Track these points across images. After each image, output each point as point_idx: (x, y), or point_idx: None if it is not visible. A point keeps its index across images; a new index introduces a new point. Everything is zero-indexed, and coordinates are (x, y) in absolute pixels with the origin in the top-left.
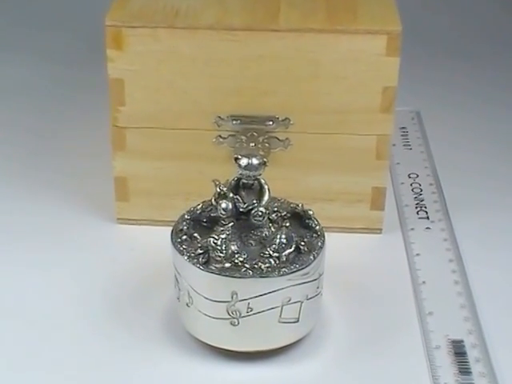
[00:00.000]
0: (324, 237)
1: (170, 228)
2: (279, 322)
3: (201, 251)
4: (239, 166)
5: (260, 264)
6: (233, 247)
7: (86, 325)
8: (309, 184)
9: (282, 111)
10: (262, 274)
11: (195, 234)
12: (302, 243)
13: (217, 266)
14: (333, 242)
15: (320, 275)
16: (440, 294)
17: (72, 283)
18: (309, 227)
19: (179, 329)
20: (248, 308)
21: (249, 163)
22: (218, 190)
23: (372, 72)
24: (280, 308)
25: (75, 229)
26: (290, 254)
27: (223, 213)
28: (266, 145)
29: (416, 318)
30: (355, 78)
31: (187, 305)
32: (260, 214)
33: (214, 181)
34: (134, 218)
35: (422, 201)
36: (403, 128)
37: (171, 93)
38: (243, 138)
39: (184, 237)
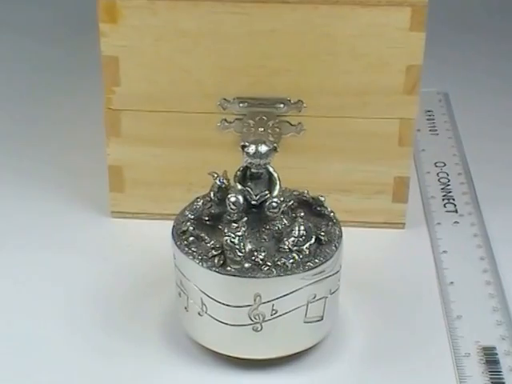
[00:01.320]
0: (340, 224)
1: (170, 222)
2: (304, 322)
3: (215, 253)
4: (247, 154)
5: (283, 260)
6: (249, 245)
7: (76, 332)
8: (324, 173)
9: (295, 92)
10: (287, 271)
11: (202, 235)
12: (322, 233)
13: (235, 267)
14: (350, 238)
15: (340, 267)
16: (470, 296)
17: (61, 285)
18: (322, 215)
19: (182, 336)
20: (272, 310)
21: (257, 150)
22: (218, 182)
23: (394, 49)
24: (305, 307)
25: (64, 224)
26: (311, 246)
27: (233, 208)
28: (277, 130)
29: (443, 322)
30: (376, 56)
31: (199, 314)
32: (275, 205)
33: (211, 173)
34: (130, 210)
35: (449, 192)
36: (429, 111)
37: (171, 72)
38: (251, 122)
39: (191, 238)
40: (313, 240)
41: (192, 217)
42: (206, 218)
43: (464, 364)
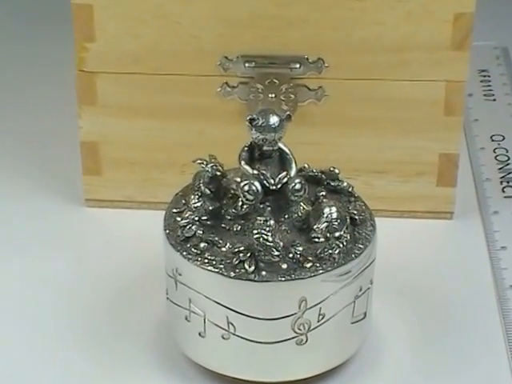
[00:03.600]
0: (361, 199)
1: (159, 213)
2: (351, 323)
3: (243, 257)
4: (257, 128)
5: (328, 251)
6: (278, 240)
7: (44, 351)
8: (350, 151)
9: (314, 49)
10: (335, 264)
11: (216, 238)
12: (354, 212)
13: (271, 270)
14: (384, 231)
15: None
16: None
17: (21, 291)
18: (337, 191)
19: (178, 355)
20: (319, 315)
21: (269, 123)
22: (210, 171)
23: None
24: (353, 304)
25: (28, 215)
26: (347, 229)
27: (250, 198)
28: (292, 96)
29: (501, 333)
30: (416, 2)
31: (223, 337)
32: (299, 187)
33: (197, 161)
34: (109, 198)
35: (509, 173)
36: (483, 71)
37: (159, 24)
38: (259, 86)
39: (202, 245)
40: (348, 221)
41: (197, 218)
42: (205, 218)
43: None
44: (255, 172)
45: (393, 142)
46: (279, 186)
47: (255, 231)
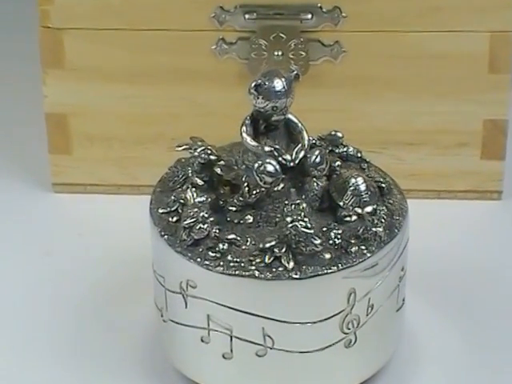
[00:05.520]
0: (373, 164)
1: (142, 198)
2: (396, 310)
3: (279, 253)
4: (262, 95)
5: (372, 229)
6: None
7: (8, 361)
8: (374, 118)
9: None
10: (381, 244)
11: (232, 236)
12: (380, 180)
13: (313, 263)
14: (417, 214)
15: None
16: None
17: None
18: (345, 158)
19: (169, 369)
20: (368, 307)
21: (273, 87)
22: (202, 157)
23: None
24: (397, 288)
25: None
26: (379, 200)
27: (269, 181)
28: (302, 54)
29: None
30: None
31: (258, 355)
32: (319, 160)
33: (182, 146)
34: (81, 181)
35: None
36: None
37: None
38: (262, 43)
39: (222, 246)
40: (378, 191)
41: (207, 215)
42: (207, 215)
43: None
44: (267, 148)
45: (426, 107)
46: (297, 162)
47: (289, 219)
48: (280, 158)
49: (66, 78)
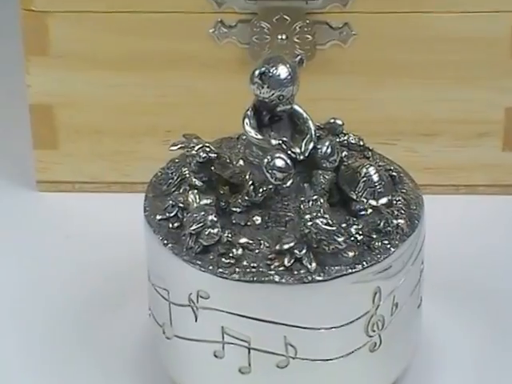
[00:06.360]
0: (377, 152)
1: (135, 197)
2: (417, 306)
3: (300, 254)
4: (268, 83)
5: (393, 221)
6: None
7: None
8: (387, 107)
9: None
10: (405, 236)
11: (244, 239)
12: (391, 168)
13: (336, 262)
14: (434, 210)
15: None
16: None
17: None
18: (347, 147)
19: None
20: (393, 306)
21: (278, 75)
22: (202, 155)
23: None
24: (419, 283)
25: None
26: (394, 190)
27: (280, 177)
28: (308, 37)
29: None
30: None
31: (279, 366)
32: (330, 151)
33: (178, 145)
34: (68, 179)
35: None
36: None
37: None
38: (265, 25)
39: (236, 251)
40: (391, 181)
41: (215, 218)
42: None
43: None
44: (275, 142)
45: (443, 95)
46: (306, 155)
47: (307, 216)
48: (289, 152)
49: (51, 65)
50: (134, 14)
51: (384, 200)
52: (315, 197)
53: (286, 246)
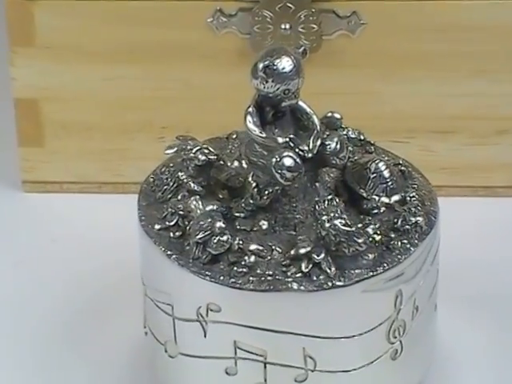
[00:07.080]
0: (379, 146)
1: (128, 198)
2: (435, 310)
3: (318, 258)
4: (273, 77)
5: (410, 219)
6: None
7: None
8: (398, 102)
9: None
10: (424, 235)
11: (254, 246)
12: (400, 162)
13: (355, 266)
14: (449, 214)
15: None
16: None
17: None
18: (350, 140)
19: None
20: (414, 309)
21: (282, 68)
22: (202, 158)
23: None
24: (436, 285)
25: None
26: (406, 186)
27: (290, 177)
28: (314, 27)
29: None
30: None
31: (297, 381)
32: (339, 147)
33: (173, 148)
34: (55, 179)
35: None
36: None
37: None
38: (267, 14)
39: (248, 258)
40: (402, 177)
41: (224, 225)
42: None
43: None
44: (281, 140)
45: (460, 88)
46: (315, 152)
47: (324, 217)
48: (297, 150)
49: (37, 57)
50: (127, 1)
51: (397, 197)
52: (330, 196)
53: (302, 251)
